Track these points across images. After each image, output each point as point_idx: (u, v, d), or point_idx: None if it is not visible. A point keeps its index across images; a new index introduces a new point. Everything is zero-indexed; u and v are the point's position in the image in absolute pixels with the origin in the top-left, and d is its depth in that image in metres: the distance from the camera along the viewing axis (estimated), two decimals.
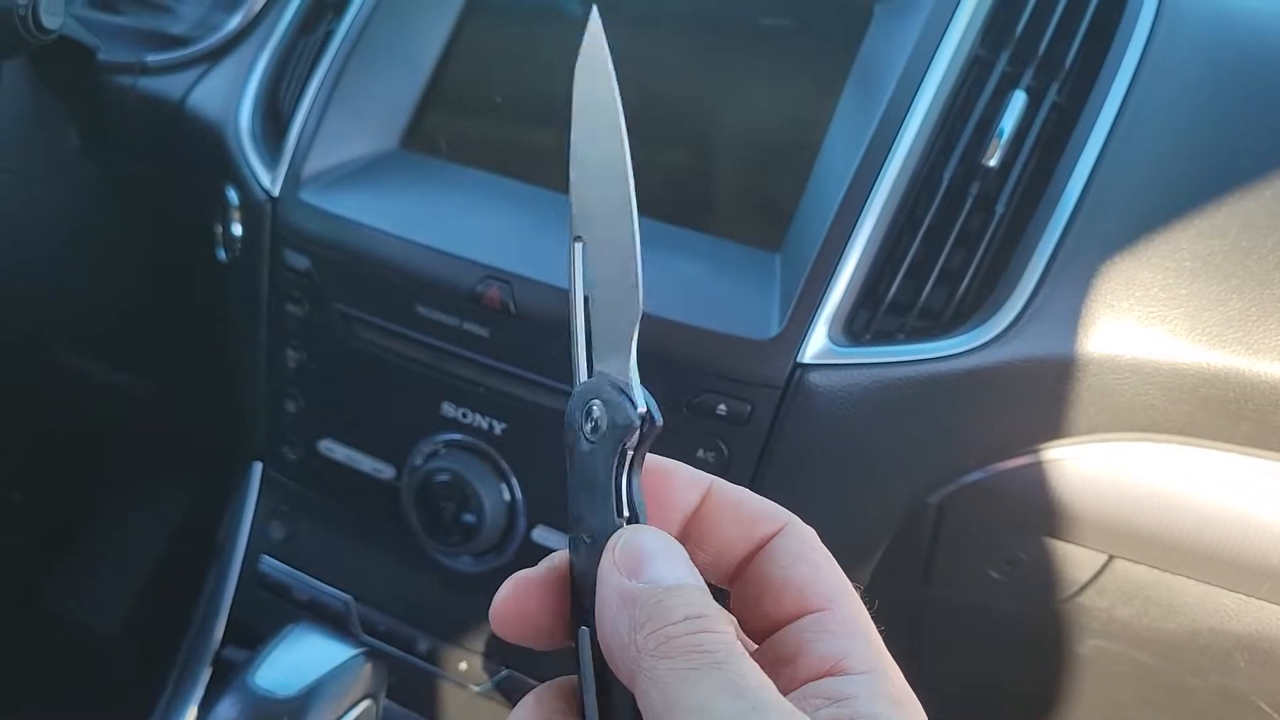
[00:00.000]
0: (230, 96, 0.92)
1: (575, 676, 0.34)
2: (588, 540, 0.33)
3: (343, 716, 0.67)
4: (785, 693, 0.30)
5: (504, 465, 0.82)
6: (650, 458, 0.34)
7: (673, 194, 0.81)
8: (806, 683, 0.31)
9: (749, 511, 0.35)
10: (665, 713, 0.28)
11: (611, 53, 0.35)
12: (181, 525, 1.28)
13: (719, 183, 0.82)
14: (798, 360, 0.70)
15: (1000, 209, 0.70)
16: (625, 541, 0.32)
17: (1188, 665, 0.79)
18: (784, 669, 0.32)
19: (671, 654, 0.29)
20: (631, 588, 0.31)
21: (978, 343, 0.68)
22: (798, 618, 0.33)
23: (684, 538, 0.35)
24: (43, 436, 1.23)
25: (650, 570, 0.31)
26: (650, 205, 0.81)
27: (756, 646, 0.34)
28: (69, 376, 1.19)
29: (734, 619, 0.32)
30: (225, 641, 0.95)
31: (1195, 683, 0.79)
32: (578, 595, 0.34)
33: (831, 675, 0.31)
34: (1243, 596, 0.73)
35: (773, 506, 0.35)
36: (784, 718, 0.28)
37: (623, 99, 0.35)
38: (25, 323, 1.05)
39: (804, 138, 0.78)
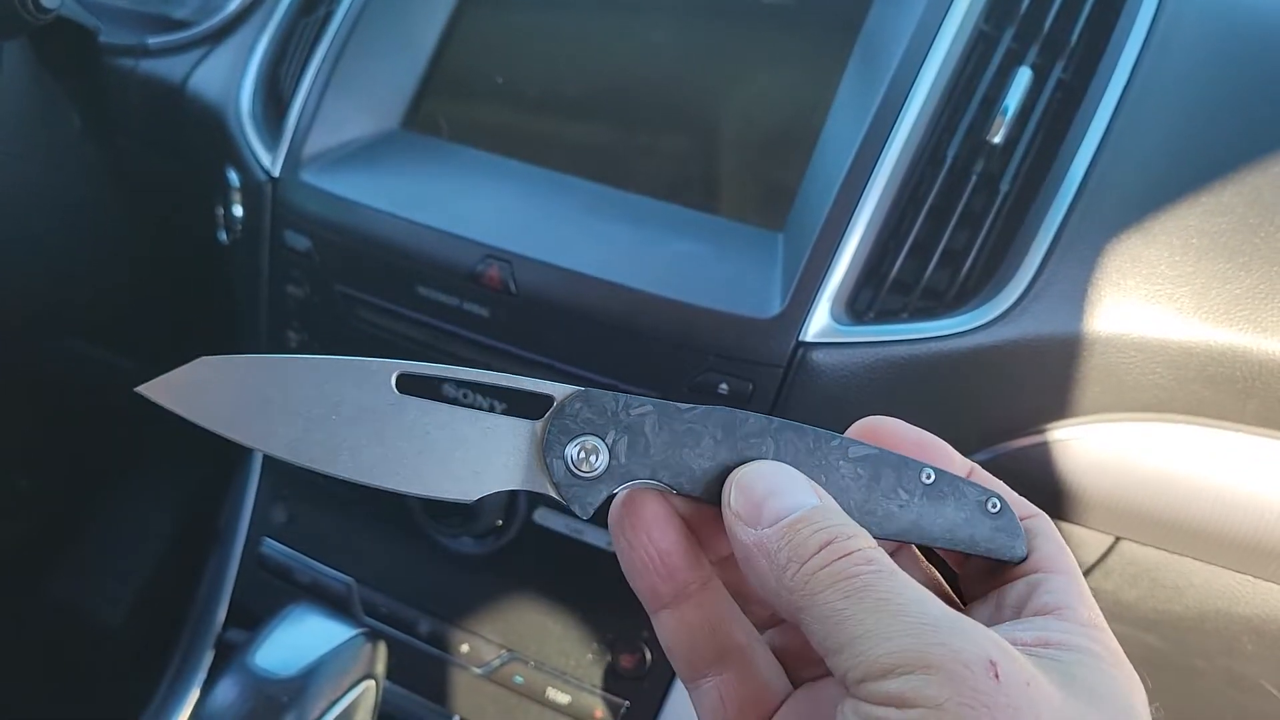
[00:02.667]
0: (231, 78, 0.91)
1: None
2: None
3: (343, 696, 0.66)
4: (1005, 621, 0.32)
5: None
6: (918, 432, 0.37)
7: (675, 174, 0.81)
8: (1030, 617, 0.32)
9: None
10: (834, 646, 0.29)
11: (614, 33, 0.35)
12: (184, 510, 1.28)
13: (722, 162, 0.81)
14: (800, 339, 0.69)
15: (1005, 187, 0.70)
16: (738, 485, 0.33)
17: (1195, 648, 0.78)
18: (1004, 611, 0.34)
19: (819, 588, 0.29)
20: (759, 537, 0.31)
21: (982, 321, 0.68)
22: (1027, 575, 0.34)
23: None
24: (47, 422, 1.23)
25: (770, 509, 0.32)
26: (653, 185, 0.81)
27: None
28: (72, 361, 1.19)
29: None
30: (228, 624, 0.95)
31: (1203, 665, 0.78)
32: None
33: (1055, 616, 0.32)
34: (1250, 578, 0.72)
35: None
36: (953, 623, 0.28)
37: (626, 79, 0.35)
38: (27, 307, 1.05)
39: (807, 116, 0.77)
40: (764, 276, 0.72)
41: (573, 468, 0.34)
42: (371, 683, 0.68)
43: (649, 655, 0.84)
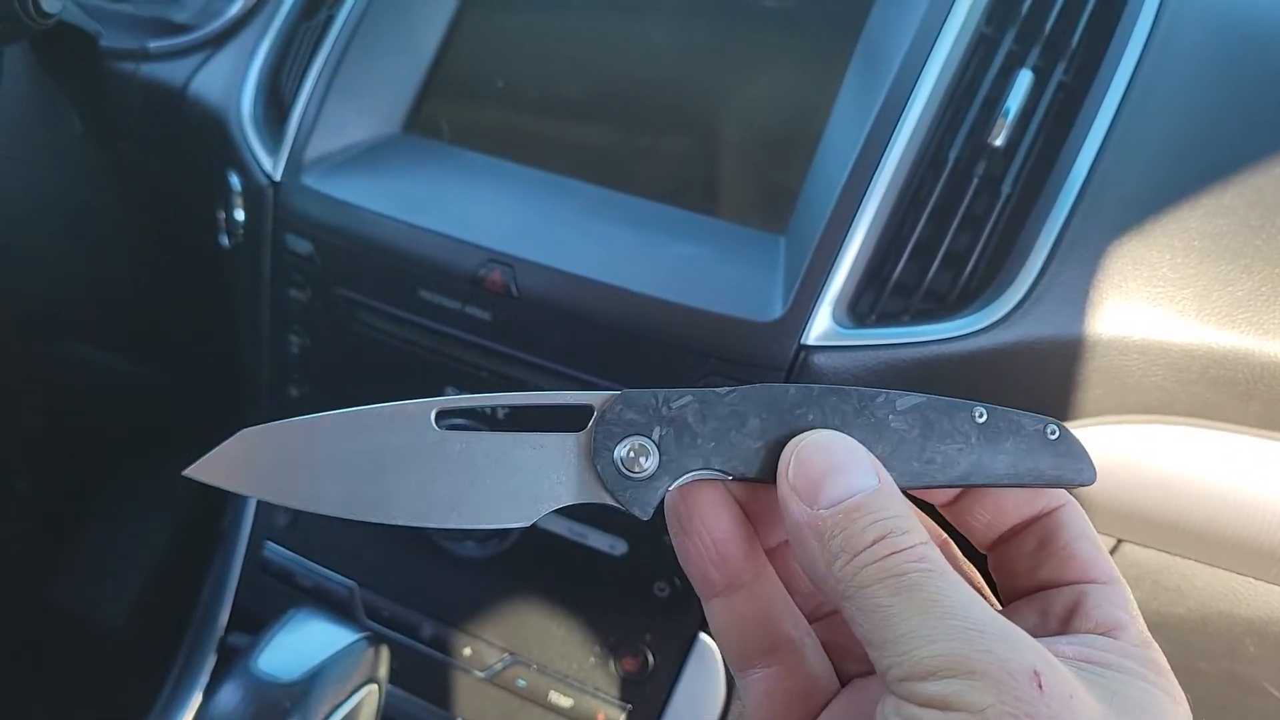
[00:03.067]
0: (232, 82, 0.91)
1: None
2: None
3: (345, 701, 0.66)
4: (1052, 634, 0.32)
5: None
6: None
7: (677, 177, 0.81)
8: (1078, 633, 0.32)
9: None
10: (878, 641, 0.29)
11: (615, 35, 0.35)
12: (186, 512, 1.28)
13: (723, 165, 0.81)
14: (802, 342, 0.69)
15: (1006, 189, 0.70)
16: (796, 458, 0.33)
17: (1197, 650, 0.78)
18: (1050, 621, 0.33)
19: (868, 581, 0.29)
20: (814, 518, 0.31)
21: (983, 324, 0.68)
22: (1072, 584, 0.34)
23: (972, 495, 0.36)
24: (48, 425, 1.23)
25: (828, 489, 0.31)
26: (654, 188, 0.81)
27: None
28: (72, 364, 1.19)
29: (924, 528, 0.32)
30: (230, 628, 0.95)
31: (1205, 667, 0.78)
32: None
33: (1106, 635, 0.32)
34: (1252, 580, 0.72)
35: None
36: (999, 629, 0.28)
37: (627, 82, 0.35)
38: (27, 310, 1.05)
39: (808, 118, 0.77)
40: (765, 279, 0.72)
41: (624, 471, 0.34)
42: (374, 687, 0.68)
43: (651, 659, 0.84)
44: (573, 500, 0.35)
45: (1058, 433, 0.35)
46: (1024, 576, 0.35)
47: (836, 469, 0.32)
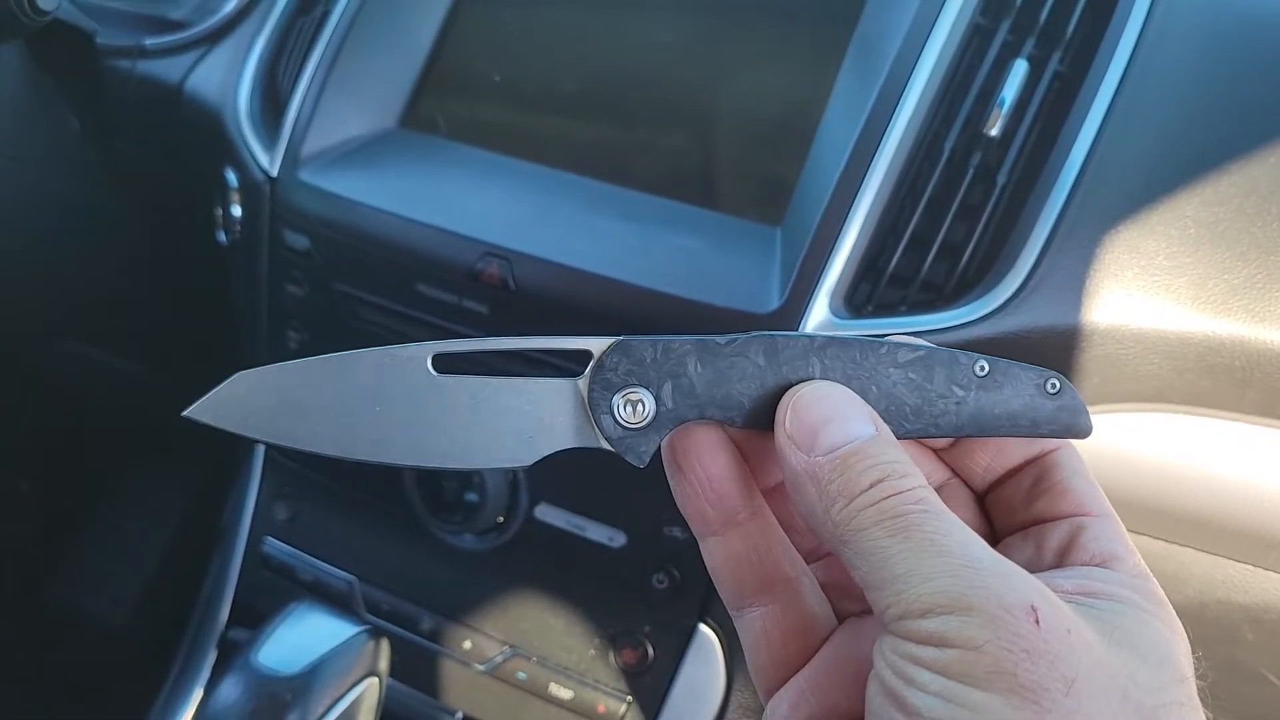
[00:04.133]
0: (228, 78, 0.92)
1: None
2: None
3: (346, 694, 0.66)
4: (1047, 568, 0.32)
5: None
6: None
7: (673, 169, 0.81)
8: (1074, 565, 0.32)
9: None
10: (875, 583, 0.29)
11: (611, 29, 0.35)
12: (186, 510, 1.28)
13: (719, 157, 0.81)
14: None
15: (1002, 179, 0.70)
16: (793, 408, 0.33)
17: (1195, 637, 0.77)
18: (1045, 554, 0.34)
19: (865, 524, 0.29)
20: (811, 464, 0.31)
21: (980, 314, 0.68)
22: (1068, 518, 0.34)
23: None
24: (48, 424, 1.23)
25: (825, 437, 0.32)
26: (651, 181, 0.81)
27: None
28: (71, 363, 1.19)
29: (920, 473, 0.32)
30: (230, 623, 0.95)
31: (1202, 655, 0.78)
32: None
33: (1102, 566, 0.32)
34: (1250, 567, 0.72)
35: None
36: (996, 566, 0.28)
37: (623, 75, 0.35)
38: (25, 309, 1.05)
39: (804, 110, 0.77)
40: (762, 271, 0.73)
41: (621, 420, 0.34)
42: (374, 680, 0.68)
43: (651, 650, 0.84)
44: (568, 445, 0.35)
45: (1058, 386, 0.35)
46: (1019, 512, 0.36)
47: (833, 417, 0.32)
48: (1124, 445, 0.70)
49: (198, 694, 0.91)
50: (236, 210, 0.89)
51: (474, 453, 0.34)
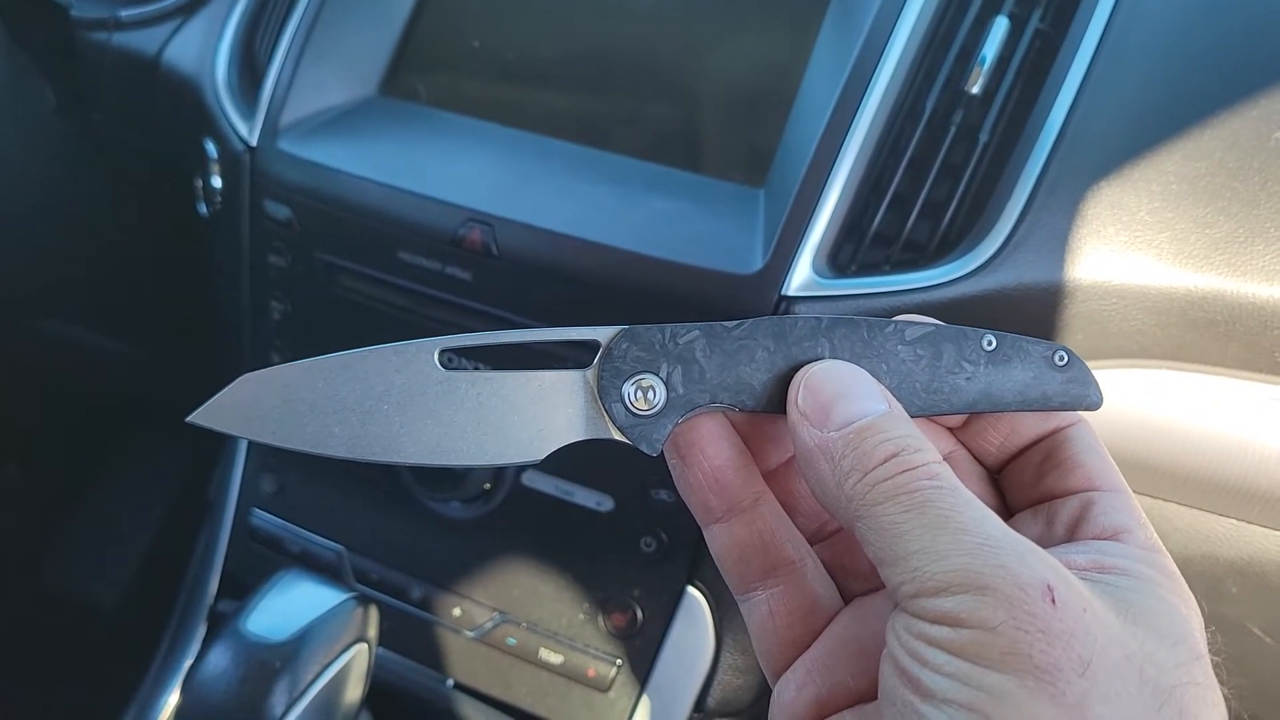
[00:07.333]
0: (205, 48, 0.91)
1: None
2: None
3: (335, 660, 0.66)
4: (1058, 543, 0.32)
5: None
6: None
7: (656, 133, 0.81)
8: (1085, 539, 0.32)
9: None
10: (889, 559, 0.29)
11: None
12: (174, 486, 1.28)
13: (701, 120, 0.81)
14: (782, 293, 0.69)
15: (984, 137, 0.70)
16: (806, 386, 0.33)
17: None
18: (1057, 528, 0.34)
19: (880, 499, 0.29)
20: (824, 440, 0.31)
21: (963, 272, 0.68)
22: (1079, 492, 0.34)
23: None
24: (32, 405, 1.22)
25: (838, 413, 0.32)
26: (633, 145, 0.80)
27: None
28: (53, 343, 1.18)
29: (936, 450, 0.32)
30: (220, 596, 0.95)
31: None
32: None
33: (1113, 540, 0.32)
34: (1234, 521, 0.73)
35: None
36: (1012, 545, 0.28)
37: (604, 41, 0.35)
38: (4, 289, 1.04)
39: (785, 71, 0.77)
40: (745, 232, 0.72)
41: (632, 408, 0.34)
42: (364, 646, 0.68)
43: (640, 614, 0.84)
44: (580, 437, 0.35)
45: (1066, 358, 0.35)
46: (1030, 488, 0.36)
47: (846, 393, 0.32)
48: (1108, 401, 0.70)
49: (187, 666, 0.91)
50: (216, 181, 0.89)
51: (485, 449, 0.34)
